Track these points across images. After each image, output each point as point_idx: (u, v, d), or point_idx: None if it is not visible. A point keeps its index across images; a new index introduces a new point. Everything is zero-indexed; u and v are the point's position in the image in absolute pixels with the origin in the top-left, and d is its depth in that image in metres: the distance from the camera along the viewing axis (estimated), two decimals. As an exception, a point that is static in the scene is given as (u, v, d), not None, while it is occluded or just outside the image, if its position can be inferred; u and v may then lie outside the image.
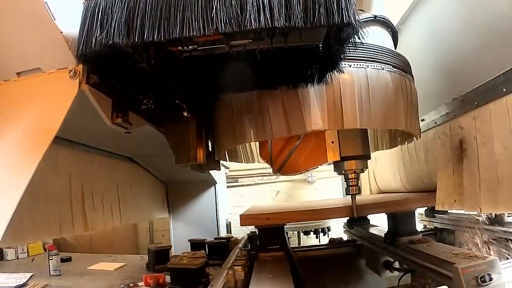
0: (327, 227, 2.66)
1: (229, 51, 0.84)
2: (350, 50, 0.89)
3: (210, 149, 1.48)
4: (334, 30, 0.78)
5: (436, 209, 1.54)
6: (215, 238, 2.46)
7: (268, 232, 1.56)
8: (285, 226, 1.63)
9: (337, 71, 0.96)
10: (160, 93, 1.14)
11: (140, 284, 1.80)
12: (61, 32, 0.89)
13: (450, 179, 1.45)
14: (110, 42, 0.76)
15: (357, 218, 2.06)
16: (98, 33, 0.77)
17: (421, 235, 1.67)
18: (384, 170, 2.43)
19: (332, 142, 1.31)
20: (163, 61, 0.87)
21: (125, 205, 2.18)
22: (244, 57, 0.88)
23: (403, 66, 1.30)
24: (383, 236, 1.73)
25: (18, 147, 0.96)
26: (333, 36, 0.81)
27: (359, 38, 0.78)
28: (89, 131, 1.49)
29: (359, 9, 1.12)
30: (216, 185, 2.80)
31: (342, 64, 0.99)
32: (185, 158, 1.39)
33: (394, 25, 1.45)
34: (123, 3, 0.78)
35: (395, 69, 1.23)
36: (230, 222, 3.19)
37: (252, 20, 0.70)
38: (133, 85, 1.04)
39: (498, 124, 1.19)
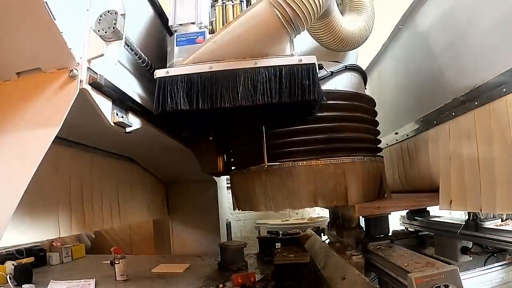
0: (322, 228, 2.69)
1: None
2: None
3: (225, 160, 1.94)
4: (307, 100, 1.20)
5: (439, 209, 1.54)
6: (283, 234, 2.52)
7: (375, 222, 1.77)
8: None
9: (313, 115, 1.43)
10: (198, 128, 1.66)
11: (228, 284, 1.77)
12: (61, 32, 0.89)
13: (452, 179, 1.46)
14: (179, 108, 1.17)
15: (418, 210, 2.23)
16: (169, 102, 1.18)
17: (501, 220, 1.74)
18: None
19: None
20: (204, 112, 1.26)
21: (125, 205, 2.17)
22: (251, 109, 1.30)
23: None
24: (463, 223, 1.79)
25: (18, 147, 0.96)
26: (307, 102, 1.24)
27: (323, 100, 1.24)
28: (89, 131, 1.49)
29: (335, 61, 1.74)
30: (216, 185, 2.80)
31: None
32: (209, 168, 1.92)
33: (364, 69, 1.91)
34: (184, 82, 1.20)
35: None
36: (230, 222, 3.19)
37: (260, 98, 1.17)
38: (184, 125, 1.56)
39: (498, 124, 1.19)
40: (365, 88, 1.95)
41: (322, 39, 1.45)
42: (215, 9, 1.48)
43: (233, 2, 1.48)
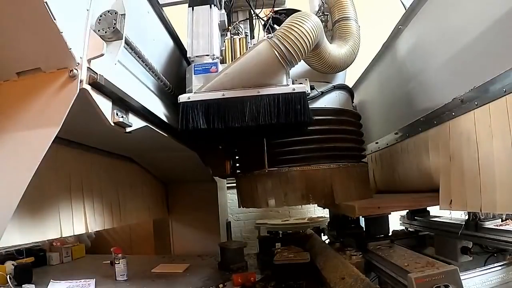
0: (323, 228, 2.69)
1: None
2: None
3: (231, 164, 2.21)
4: (299, 121, 1.46)
5: (440, 209, 1.54)
6: (283, 234, 2.60)
7: (375, 222, 1.88)
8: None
9: (305, 130, 1.72)
10: (212, 140, 1.98)
11: (228, 284, 1.80)
12: (61, 32, 0.89)
13: (452, 179, 1.45)
14: (199, 128, 1.45)
15: (418, 210, 2.32)
16: (191, 122, 1.46)
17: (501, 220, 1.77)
18: (384, 169, 2.44)
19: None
20: (218, 130, 1.50)
21: (125, 205, 2.17)
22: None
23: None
24: (463, 223, 1.82)
25: (18, 147, 0.96)
26: (299, 122, 1.48)
27: (313, 120, 1.52)
28: (89, 131, 1.49)
29: (325, 81, 2.00)
30: (216, 185, 2.80)
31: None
32: (218, 172, 2.27)
33: (350, 87, 2.20)
34: (202, 106, 1.47)
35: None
36: (230, 222, 3.19)
37: (262, 120, 1.44)
38: (200, 138, 1.79)
39: (498, 124, 1.19)
40: (353, 103, 2.22)
41: (314, 65, 1.69)
42: (224, 41, 1.73)
43: (239, 36, 1.76)
